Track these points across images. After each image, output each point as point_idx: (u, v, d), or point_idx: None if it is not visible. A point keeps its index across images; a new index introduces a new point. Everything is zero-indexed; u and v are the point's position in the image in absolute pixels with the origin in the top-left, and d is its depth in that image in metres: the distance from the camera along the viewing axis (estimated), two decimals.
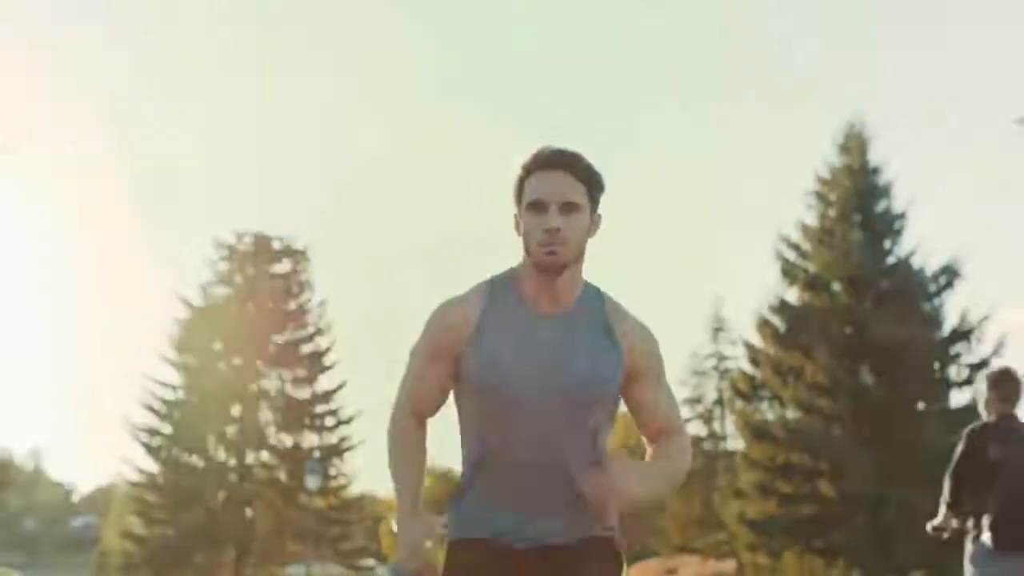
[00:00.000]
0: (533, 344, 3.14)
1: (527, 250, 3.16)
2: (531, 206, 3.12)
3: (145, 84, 75.72)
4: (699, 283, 72.80)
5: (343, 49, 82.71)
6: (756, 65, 73.27)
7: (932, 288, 30.77)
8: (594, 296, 3.23)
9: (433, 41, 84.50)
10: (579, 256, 3.17)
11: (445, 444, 3.37)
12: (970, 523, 6.39)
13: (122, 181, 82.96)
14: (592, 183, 3.16)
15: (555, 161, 3.14)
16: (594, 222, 3.20)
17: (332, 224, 73.06)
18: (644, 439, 3.35)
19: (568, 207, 3.11)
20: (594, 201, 3.18)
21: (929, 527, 6.60)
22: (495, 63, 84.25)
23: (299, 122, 77.91)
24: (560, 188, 3.11)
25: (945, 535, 6.55)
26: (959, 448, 6.45)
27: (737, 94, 71.95)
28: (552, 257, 3.10)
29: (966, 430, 6.56)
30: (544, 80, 78.60)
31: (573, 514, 3.17)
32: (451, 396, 3.28)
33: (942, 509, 6.47)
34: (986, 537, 6.27)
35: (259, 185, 73.10)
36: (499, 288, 3.22)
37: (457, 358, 3.18)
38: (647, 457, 3.33)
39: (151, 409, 38.12)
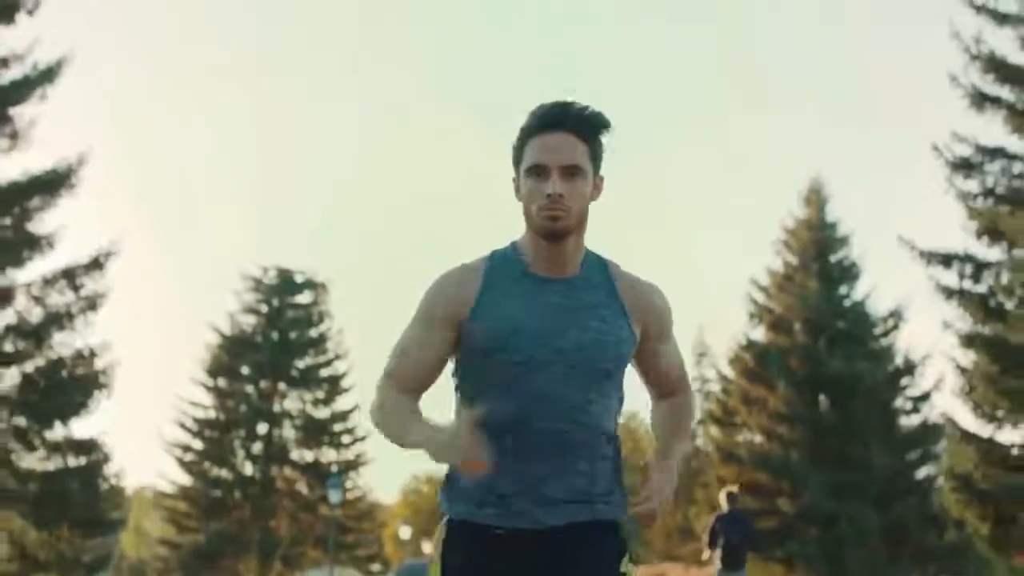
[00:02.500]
0: (541, 307, 3.10)
1: (527, 217, 3.12)
2: (531, 170, 3.07)
3: (184, 136, 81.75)
4: (685, 310, 79.08)
5: (374, 94, 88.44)
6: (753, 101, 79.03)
7: (881, 329, 36.38)
8: (597, 261, 3.21)
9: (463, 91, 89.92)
10: (582, 222, 3.12)
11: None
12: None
13: (155, 220, 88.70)
14: (594, 139, 3.11)
15: (554, 121, 3.08)
16: (597, 185, 3.14)
17: (350, 259, 79.58)
18: (649, 394, 3.39)
19: (570, 171, 3.06)
20: (596, 159, 3.12)
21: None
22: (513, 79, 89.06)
23: (323, 168, 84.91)
24: (562, 151, 3.06)
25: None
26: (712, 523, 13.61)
27: (737, 125, 77.76)
28: (554, 223, 3.05)
29: (713, 516, 13.95)
30: (543, 79, 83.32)
31: (579, 485, 3.10)
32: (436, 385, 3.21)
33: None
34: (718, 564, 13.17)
35: (284, 222, 79.70)
36: (500, 256, 3.18)
37: (458, 326, 3.12)
38: (655, 413, 3.41)
39: (184, 427, 43.28)
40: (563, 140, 3.07)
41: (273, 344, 43.55)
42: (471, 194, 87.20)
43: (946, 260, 21.49)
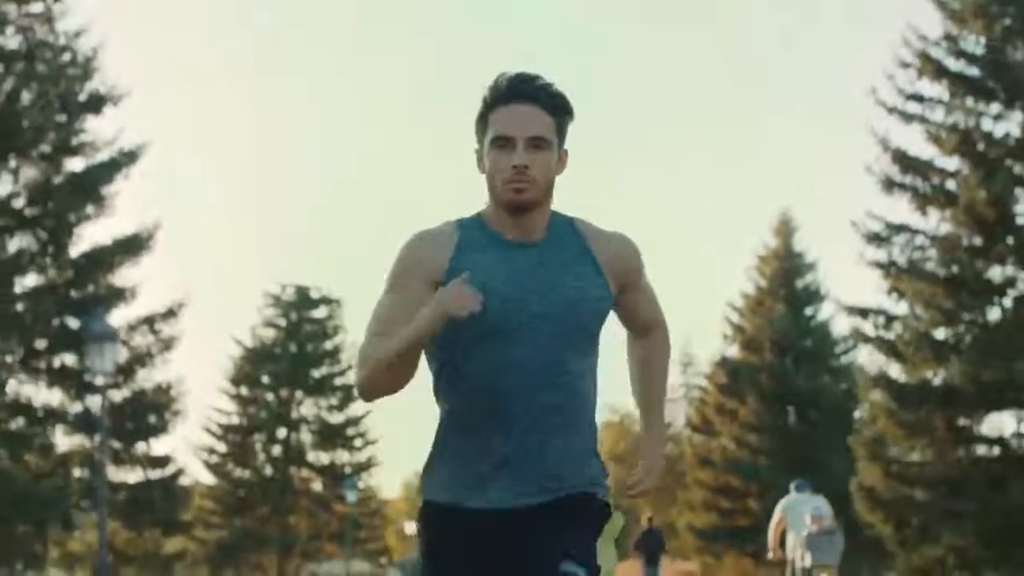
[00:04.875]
0: (514, 270, 3.13)
1: (491, 189, 3.14)
2: (495, 142, 3.09)
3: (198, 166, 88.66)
4: (672, 320, 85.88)
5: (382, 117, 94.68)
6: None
7: (841, 348, 42.40)
8: (563, 220, 3.24)
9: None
10: (547, 194, 3.15)
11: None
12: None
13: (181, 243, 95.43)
14: (560, 115, 3.14)
15: (521, 92, 3.11)
16: (561, 158, 3.17)
17: (362, 275, 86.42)
18: (628, 332, 3.45)
19: (535, 142, 3.08)
20: (562, 134, 3.16)
21: None
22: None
23: (335, 191, 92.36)
24: (527, 123, 3.08)
25: None
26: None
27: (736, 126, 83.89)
28: (519, 195, 3.08)
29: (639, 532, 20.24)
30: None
31: (556, 456, 3.14)
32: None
33: None
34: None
35: (302, 243, 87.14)
36: (468, 225, 3.20)
37: (434, 288, 3.12)
38: (630, 350, 3.48)
39: (209, 431, 48.73)
40: (529, 111, 3.09)
41: (291, 355, 48.24)
42: (473, 197, 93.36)
43: (863, 312, 27.58)
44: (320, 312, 49.94)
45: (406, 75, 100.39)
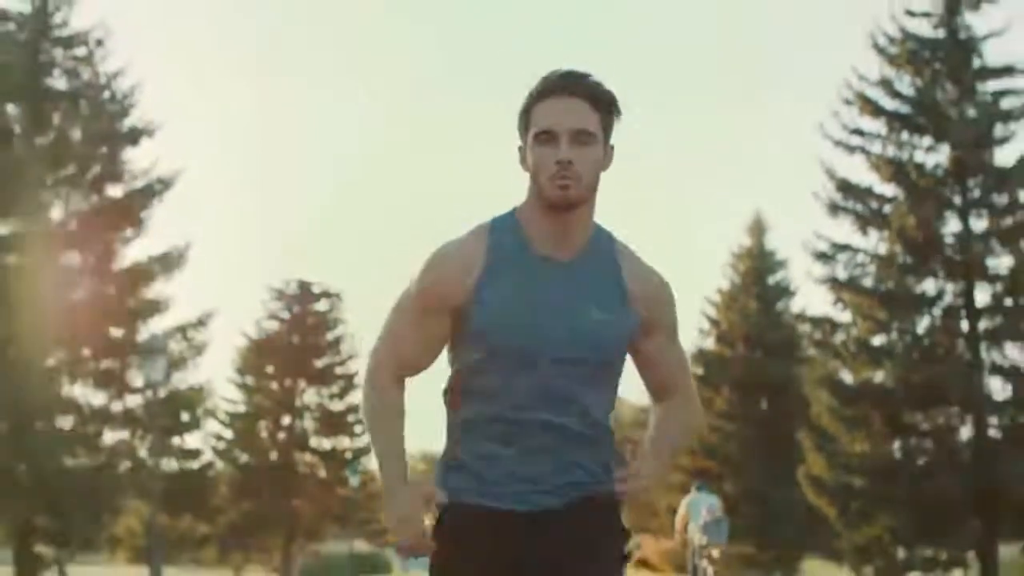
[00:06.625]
0: (540, 293, 3.12)
1: (536, 185, 3.13)
2: (540, 136, 3.09)
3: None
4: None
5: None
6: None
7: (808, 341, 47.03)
8: (606, 241, 3.23)
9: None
10: (592, 192, 3.14)
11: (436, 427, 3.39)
12: None
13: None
14: (606, 110, 3.14)
15: (566, 86, 3.11)
16: (607, 154, 3.17)
17: (361, 269, 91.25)
18: (650, 396, 3.43)
19: (580, 137, 3.08)
20: (607, 130, 3.16)
21: None
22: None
23: (336, 190, 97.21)
24: (572, 116, 3.08)
25: None
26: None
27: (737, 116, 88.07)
28: (564, 192, 3.06)
29: None
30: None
31: (574, 475, 3.18)
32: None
33: None
34: None
35: (304, 239, 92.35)
36: (501, 231, 3.18)
37: (456, 310, 3.15)
38: (652, 419, 3.43)
39: (217, 419, 52.63)
40: (574, 104, 3.08)
41: (294, 346, 51.12)
42: (476, 194, 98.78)
43: (813, 321, 32.38)
44: (321, 305, 52.60)
45: (408, 71, 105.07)
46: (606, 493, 3.26)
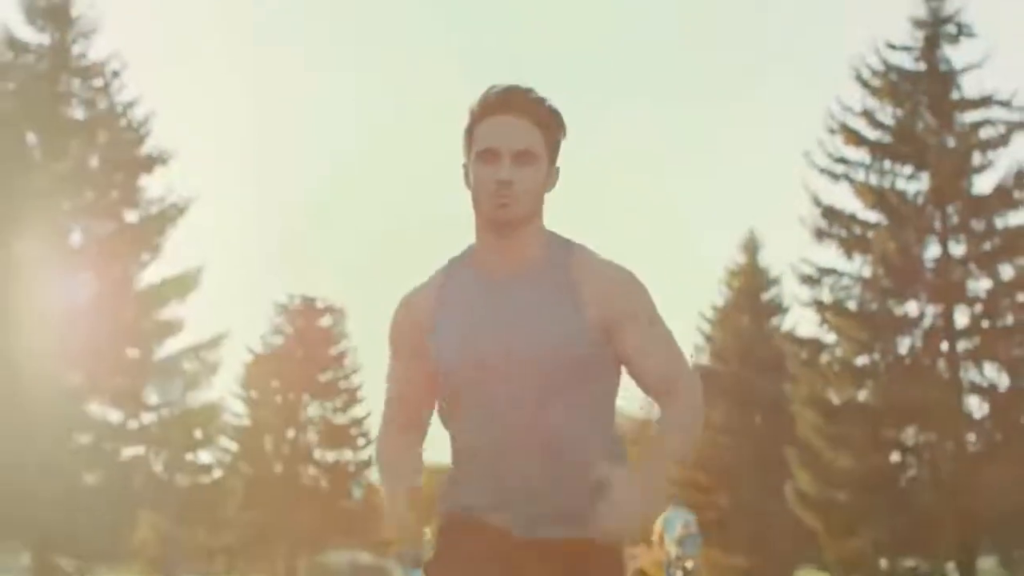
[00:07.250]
0: (487, 316, 3.11)
1: (476, 205, 3.12)
2: (482, 155, 3.06)
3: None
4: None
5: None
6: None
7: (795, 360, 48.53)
8: (561, 253, 3.17)
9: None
10: (535, 212, 3.11)
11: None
12: None
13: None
14: (550, 129, 3.10)
15: (508, 104, 3.07)
16: (551, 174, 3.13)
17: (364, 285, 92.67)
18: (653, 400, 3.31)
19: (522, 156, 3.05)
20: (552, 149, 3.12)
21: None
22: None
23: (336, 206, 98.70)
24: (513, 135, 3.05)
25: None
26: None
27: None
28: (503, 211, 3.05)
29: None
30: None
31: (562, 500, 3.11)
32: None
33: None
34: None
35: (309, 255, 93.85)
36: (457, 263, 3.21)
37: (425, 351, 3.18)
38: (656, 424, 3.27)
39: (223, 432, 53.92)
40: (517, 123, 3.04)
41: (298, 361, 52.03)
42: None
43: (799, 341, 34.04)
44: (325, 320, 53.68)
45: (421, 94, 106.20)
46: (596, 535, 3.08)
